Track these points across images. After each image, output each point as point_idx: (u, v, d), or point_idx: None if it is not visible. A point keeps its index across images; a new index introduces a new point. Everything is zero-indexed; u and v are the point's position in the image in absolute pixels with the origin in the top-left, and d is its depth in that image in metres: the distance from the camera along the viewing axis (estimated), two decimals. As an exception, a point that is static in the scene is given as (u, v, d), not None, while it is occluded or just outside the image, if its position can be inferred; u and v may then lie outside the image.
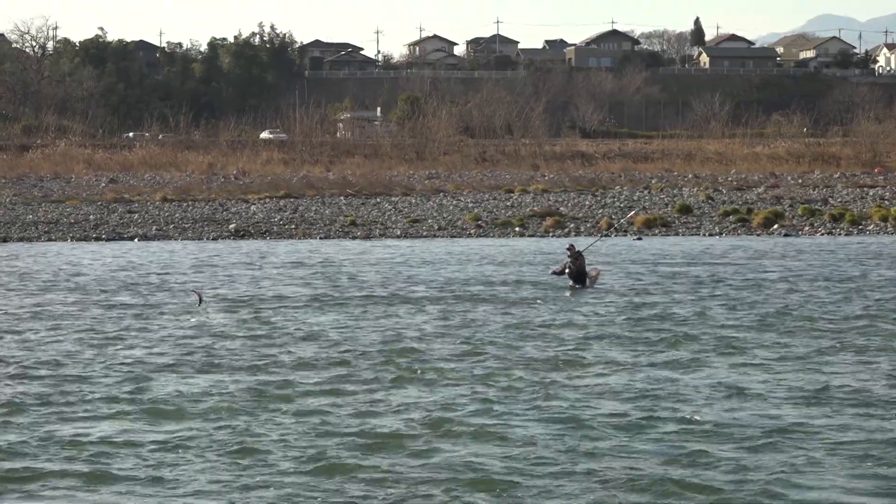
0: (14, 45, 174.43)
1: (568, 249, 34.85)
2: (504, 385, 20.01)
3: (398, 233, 54.83)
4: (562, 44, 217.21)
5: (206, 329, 26.39)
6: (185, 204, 68.59)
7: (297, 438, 16.50)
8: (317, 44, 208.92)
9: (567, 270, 34.16)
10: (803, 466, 15.15)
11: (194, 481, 14.54)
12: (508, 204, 67.64)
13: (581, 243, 38.67)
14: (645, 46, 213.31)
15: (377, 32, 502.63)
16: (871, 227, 55.34)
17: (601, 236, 44.16)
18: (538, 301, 31.00)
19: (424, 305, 30.13)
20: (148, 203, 69.11)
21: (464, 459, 15.40)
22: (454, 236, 53.68)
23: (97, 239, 53.25)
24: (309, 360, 22.27)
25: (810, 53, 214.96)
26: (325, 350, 23.44)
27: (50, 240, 53.17)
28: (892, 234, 53.64)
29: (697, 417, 17.76)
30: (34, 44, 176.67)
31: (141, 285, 34.97)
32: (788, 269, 38.52)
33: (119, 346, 24.13)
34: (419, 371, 21.22)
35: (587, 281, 33.97)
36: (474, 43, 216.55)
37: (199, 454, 15.72)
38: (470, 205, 67.36)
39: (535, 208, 64.18)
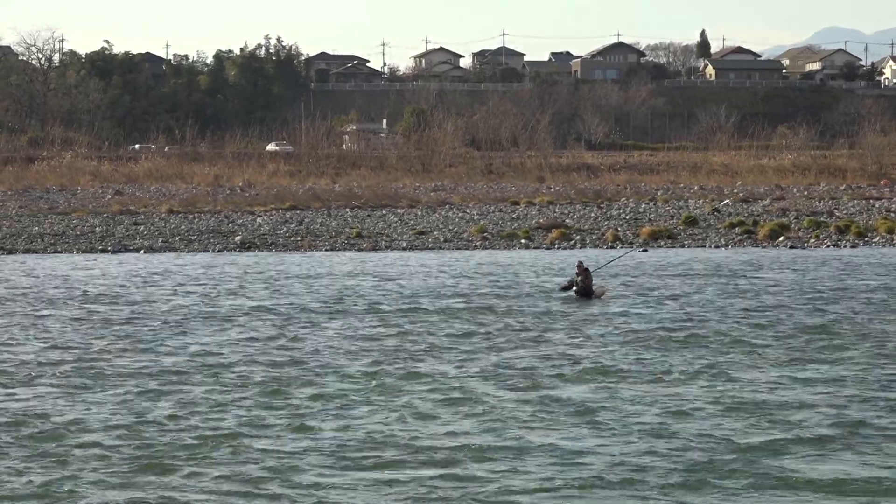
0: (21, 57, 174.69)
1: (577, 266, 34.88)
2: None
3: (404, 245, 54.81)
4: (568, 56, 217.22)
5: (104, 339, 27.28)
6: (190, 216, 68.60)
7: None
8: (323, 56, 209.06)
9: (574, 287, 34.19)
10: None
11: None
12: (514, 216, 67.62)
13: (592, 259, 38.67)
14: (651, 59, 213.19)
15: (383, 45, 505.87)
16: (876, 240, 55.30)
17: (618, 256, 43.92)
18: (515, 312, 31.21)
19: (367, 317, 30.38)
20: (154, 215, 69.12)
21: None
22: (460, 248, 53.69)
23: (103, 251, 53.25)
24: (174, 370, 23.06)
25: (816, 66, 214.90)
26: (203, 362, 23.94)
27: (56, 252, 53.15)
28: (897, 246, 53.61)
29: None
30: (41, 56, 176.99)
31: (77, 297, 35.48)
32: (790, 281, 38.51)
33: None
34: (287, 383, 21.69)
35: (592, 297, 33.97)
36: (480, 55, 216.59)
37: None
38: (475, 217, 67.35)
39: (541, 220, 64.13)
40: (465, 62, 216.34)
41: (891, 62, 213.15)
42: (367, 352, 25.19)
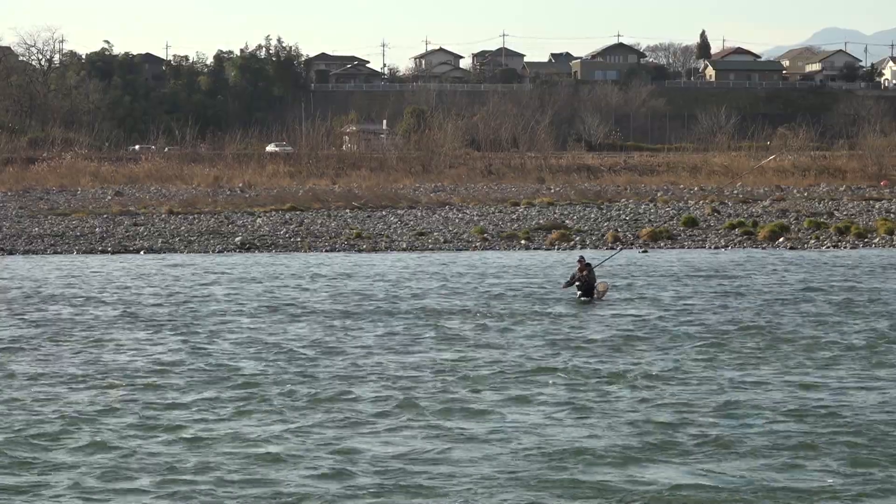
0: (21, 58, 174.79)
1: (578, 262, 34.86)
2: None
3: (404, 245, 54.81)
4: (567, 57, 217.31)
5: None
6: (190, 217, 68.59)
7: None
8: (323, 57, 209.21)
9: (577, 283, 34.14)
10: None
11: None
12: (514, 217, 67.60)
13: (593, 256, 38.68)
14: (651, 59, 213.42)
15: (383, 45, 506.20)
16: (876, 240, 55.30)
17: (617, 251, 44.24)
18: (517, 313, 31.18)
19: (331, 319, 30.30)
20: (154, 216, 69.11)
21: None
22: (460, 249, 53.69)
23: (103, 252, 53.24)
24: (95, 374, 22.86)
25: (816, 66, 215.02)
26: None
27: (56, 252, 53.13)
28: (897, 247, 53.62)
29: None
30: (41, 57, 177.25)
31: (34, 298, 35.37)
32: (788, 281, 38.54)
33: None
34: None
35: (595, 294, 33.96)
36: (480, 56, 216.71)
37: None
38: (475, 218, 67.32)
39: (541, 221, 64.14)
40: (465, 63, 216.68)
41: (891, 63, 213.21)
42: (358, 352, 25.19)
